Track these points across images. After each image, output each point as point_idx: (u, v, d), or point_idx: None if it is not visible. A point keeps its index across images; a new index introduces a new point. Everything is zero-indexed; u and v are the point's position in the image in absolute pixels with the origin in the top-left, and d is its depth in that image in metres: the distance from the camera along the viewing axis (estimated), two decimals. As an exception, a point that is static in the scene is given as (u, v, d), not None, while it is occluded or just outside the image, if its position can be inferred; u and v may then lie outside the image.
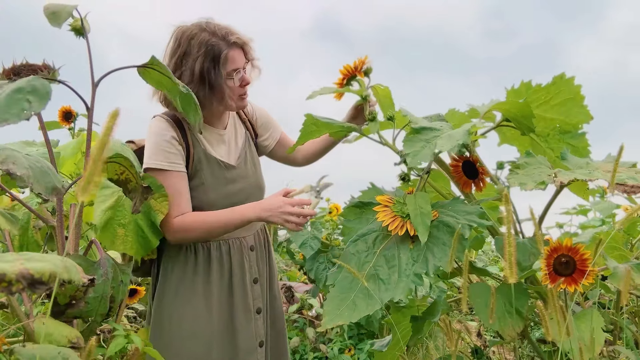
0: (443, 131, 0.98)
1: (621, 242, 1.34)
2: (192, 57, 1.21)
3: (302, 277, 3.25)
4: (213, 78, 1.22)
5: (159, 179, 1.21)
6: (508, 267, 0.70)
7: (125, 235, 1.15)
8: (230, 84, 1.26)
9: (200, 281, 1.27)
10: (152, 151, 1.24)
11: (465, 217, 0.96)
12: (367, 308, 0.92)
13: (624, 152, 0.81)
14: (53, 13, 0.87)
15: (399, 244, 1.01)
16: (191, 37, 1.23)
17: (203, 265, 1.29)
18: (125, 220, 1.15)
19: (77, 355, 0.70)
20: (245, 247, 1.35)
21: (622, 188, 0.82)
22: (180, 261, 1.29)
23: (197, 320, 1.25)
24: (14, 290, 0.50)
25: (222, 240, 1.32)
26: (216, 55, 1.21)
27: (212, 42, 1.22)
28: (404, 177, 1.15)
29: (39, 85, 0.78)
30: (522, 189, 0.88)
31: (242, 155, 1.39)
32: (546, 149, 1.15)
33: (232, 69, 1.25)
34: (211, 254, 1.30)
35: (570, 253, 0.88)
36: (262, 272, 1.39)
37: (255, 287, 1.35)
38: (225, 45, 1.23)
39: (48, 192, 0.78)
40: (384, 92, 1.24)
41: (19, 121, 0.72)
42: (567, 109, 1.06)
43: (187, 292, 1.26)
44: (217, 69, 1.22)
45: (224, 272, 1.30)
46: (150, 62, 0.89)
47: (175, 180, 1.24)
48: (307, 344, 2.43)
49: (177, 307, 1.26)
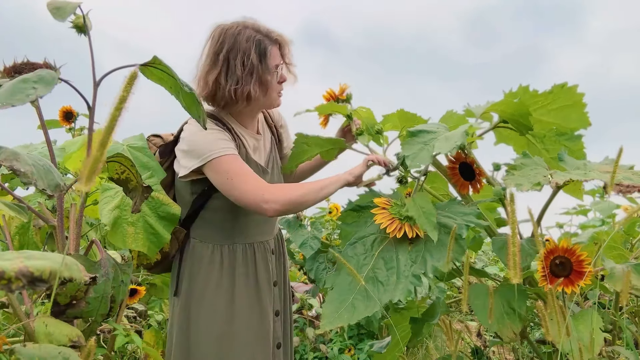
0: (440, 133, 0.99)
1: (620, 242, 1.34)
2: (240, 52, 1.23)
3: (302, 277, 3.25)
4: (261, 72, 1.24)
5: (226, 164, 1.19)
6: (512, 267, 0.70)
7: (135, 233, 1.15)
8: (273, 80, 1.28)
9: (226, 283, 1.28)
10: (211, 142, 1.21)
11: (462, 218, 0.97)
12: (366, 310, 0.92)
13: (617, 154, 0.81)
14: (57, 8, 0.87)
15: (397, 246, 1.01)
16: (237, 33, 1.25)
17: (228, 268, 1.29)
18: (133, 218, 1.15)
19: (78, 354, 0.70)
20: (268, 250, 1.37)
21: (618, 188, 0.83)
22: (206, 263, 1.29)
23: (225, 322, 1.25)
24: (13, 288, 0.50)
25: (248, 243, 1.32)
26: (262, 50, 1.25)
27: (258, 38, 1.25)
28: (401, 179, 1.16)
29: (46, 74, 0.79)
30: (518, 190, 0.89)
31: (271, 160, 1.40)
32: (542, 149, 1.16)
33: (274, 64, 1.28)
34: (237, 256, 1.30)
35: (567, 254, 0.88)
36: (279, 275, 1.41)
37: (275, 290, 1.36)
38: (269, 42, 1.27)
39: (51, 188, 0.79)
40: (366, 114, 1.32)
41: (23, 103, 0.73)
42: (565, 115, 1.06)
43: (214, 294, 1.26)
44: (264, 63, 1.25)
45: (249, 275, 1.31)
46: (152, 61, 0.90)
47: (243, 162, 1.23)
48: (307, 344, 2.43)
49: (205, 308, 1.26)
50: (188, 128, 1.26)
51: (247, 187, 1.19)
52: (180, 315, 1.28)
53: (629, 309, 1.30)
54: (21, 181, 0.74)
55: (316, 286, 2.65)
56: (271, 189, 1.20)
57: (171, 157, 1.32)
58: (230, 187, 1.20)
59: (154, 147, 1.36)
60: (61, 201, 0.89)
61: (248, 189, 1.18)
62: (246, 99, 1.25)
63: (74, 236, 0.88)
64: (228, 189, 1.21)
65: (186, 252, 1.32)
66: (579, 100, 1.05)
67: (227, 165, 1.20)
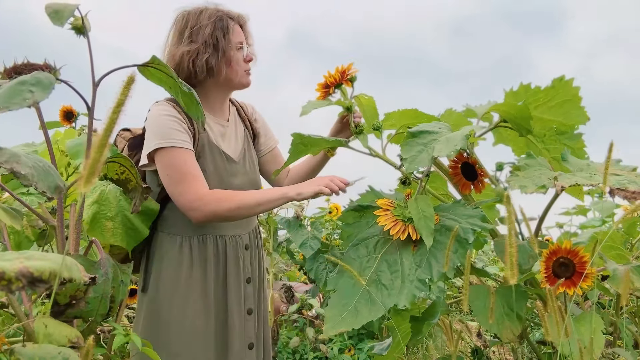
0: (442, 134, 0.98)
1: (620, 242, 1.34)
2: (203, 27, 1.27)
3: (302, 277, 3.25)
4: (224, 45, 1.27)
5: (170, 158, 1.19)
6: (509, 268, 0.70)
7: (114, 228, 1.14)
8: (237, 56, 1.30)
9: (198, 278, 1.25)
10: (162, 131, 1.20)
11: (467, 221, 0.95)
12: (369, 314, 0.91)
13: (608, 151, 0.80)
14: (55, 12, 0.87)
15: (401, 248, 1.00)
16: (199, 13, 1.29)
17: (199, 262, 1.26)
18: (112, 213, 1.14)
19: (77, 355, 0.70)
20: (241, 245, 1.34)
21: (623, 194, 0.80)
22: (174, 256, 1.26)
23: (196, 318, 1.23)
24: (13, 289, 0.50)
25: (219, 235, 1.30)
26: (224, 25, 1.28)
27: (219, 15, 1.29)
28: (404, 180, 1.15)
29: (43, 77, 0.79)
30: (523, 192, 0.88)
31: (242, 152, 1.38)
32: (542, 149, 1.15)
33: (238, 41, 1.31)
34: (207, 249, 1.28)
35: (570, 255, 0.88)
36: (254, 272, 1.38)
37: (248, 287, 1.33)
38: (230, 19, 1.30)
39: (52, 190, 0.79)
40: (368, 102, 1.22)
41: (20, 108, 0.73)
42: (565, 111, 1.06)
43: (184, 289, 1.24)
44: (227, 38, 1.28)
45: (219, 270, 1.28)
46: (151, 61, 0.89)
47: (191, 158, 1.22)
48: (307, 344, 2.43)
49: (176, 304, 1.23)
50: (149, 114, 1.26)
51: (180, 189, 1.19)
52: (148, 311, 1.25)
53: (628, 309, 1.30)
54: (22, 183, 0.74)
55: (316, 286, 2.65)
56: (204, 197, 1.19)
57: (139, 151, 1.29)
58: (167, 183, 1.21)
59: (123, 141, 1.34)
60: (61, 201, 0.88)
61: (180, 191, 1.19)
62: (207, 71, 1.26)
63: (73, 236, 0.88)
64: (166, 183, 1.21)
65: (153, 246, 1.29)
66: (576, 94, 1.05)
67: (171, 159, 1.19)
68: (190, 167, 1.21)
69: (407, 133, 1.01)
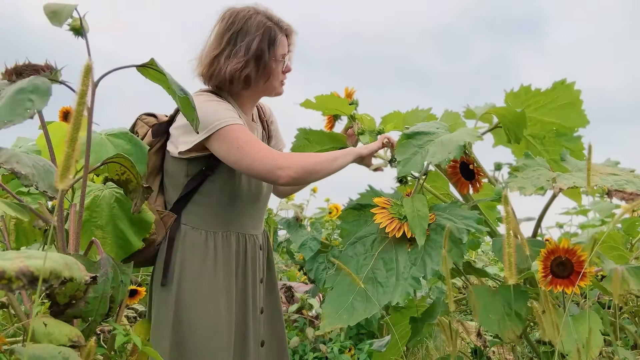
0: (438, 135, 0.98)
1: (620, 242, 1.34)
2: (249, 35, 1.24)
3: (302, 277, 3.25)
4: (267, 58, 1.26)
5: (236, 133, 1.17)
6: (507, 268, 0.71)
7: (103, 238, 1.07)
8: (278, 68, 1.30)
9: (222, 274, 1.23)
10: (217, 113, 1.18)
11: (462, 222, 0.96)
12: (365, 311, 0.92)
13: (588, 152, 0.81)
14: (54, 12, 0.87)
15: (397, 246, 1.01)
16: (248, 17, 1.26)
17: (222, 258, 1.25)
18: (103, 221, 1.08)
19: (78, 354, 0.70)
20: (257, 245, 1.35)
21: (621, 195, 0.80)
22: (201, 250, 1.23)
23: (219, 314, 1.21)
24: (14, 288, 0.50)
25: (241, 233, 1.29)
26: (272, 38, 1.26)
27: (269, 25, 1.27)
28: (401, 179, 1.16)
29: (40, 84, 0.79)
30: (522, 194, 0.88)
31: None
32: (542, 151, 1.16)
33: (282, 53, 1.30)
34: (231, 246, 1.27)
35: (568, 255, 0.88)
36: (266, 272, 1.39)
37: (261, 287, 1.35)
38: (279, 30, 1.29)
39: (52, 190, 0.79)
40: (369, 122, 1.37)
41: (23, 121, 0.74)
42: (565, 113, 1.06)
43: (209, 284, 1.21)
44: (272, 51, 1.27)
45: (239, 267, 1.28)
46: (149, 62, 0.90)
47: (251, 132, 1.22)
48: (307, 344, 2.43)
49: (200, 299, 1.21)
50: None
51: (260, 154, 1.17)
52: (170, 306, 1.20)
53: (628, 308, 1.30)
54: (22, 183, 0.74)
55: (316, 286, 2.65)
56: (284, 155, 1.20)
57: (164, 138, 1.28)
58: (241, 156, 1.17)
59: (146, 127, 1.30)
60: (61, 201, 0.89)
61: (261, 156, 1.16)
62: (244, 81, 1.25)
63: (73, 236, 0.88)
64: (238, 158, 1.17)
65: (177, 239, 1.24)
66: (576, 98, 1.05)
67: (237, 133, 1.18)
68: (257, 137, 1.21)
69: (402, 134, 1.01)
